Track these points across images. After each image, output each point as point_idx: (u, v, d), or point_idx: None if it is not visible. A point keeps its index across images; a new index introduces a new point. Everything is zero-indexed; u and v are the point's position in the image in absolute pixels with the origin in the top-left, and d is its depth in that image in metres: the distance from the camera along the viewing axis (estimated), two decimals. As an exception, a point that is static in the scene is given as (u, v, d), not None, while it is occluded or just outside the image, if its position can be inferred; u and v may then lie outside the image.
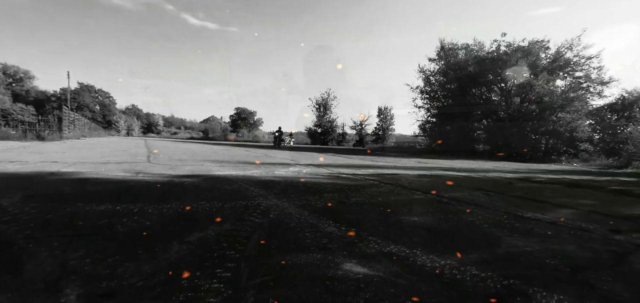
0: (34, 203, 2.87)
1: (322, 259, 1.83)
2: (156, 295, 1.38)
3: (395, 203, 3.49)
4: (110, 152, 9.81)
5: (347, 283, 1.55)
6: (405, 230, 2.49)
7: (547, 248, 2.23)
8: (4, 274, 1.52)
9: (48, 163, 6.06)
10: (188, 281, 1.51)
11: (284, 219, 2.64)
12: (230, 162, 7.76)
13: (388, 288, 1.52)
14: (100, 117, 55.26)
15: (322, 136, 38.30)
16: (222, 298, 1.37)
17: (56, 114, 21.68)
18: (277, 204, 3.18)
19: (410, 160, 11.22)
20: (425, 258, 1.93)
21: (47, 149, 10.54)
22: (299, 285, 1.51)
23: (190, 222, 2.47)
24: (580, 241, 2.43)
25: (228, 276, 1.58)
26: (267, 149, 18.07)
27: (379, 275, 1.66)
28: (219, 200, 3.29)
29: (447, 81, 22.28)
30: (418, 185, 4.90)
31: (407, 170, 7.40)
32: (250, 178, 4.89)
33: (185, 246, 1.96)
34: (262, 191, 3.86)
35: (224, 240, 2.09)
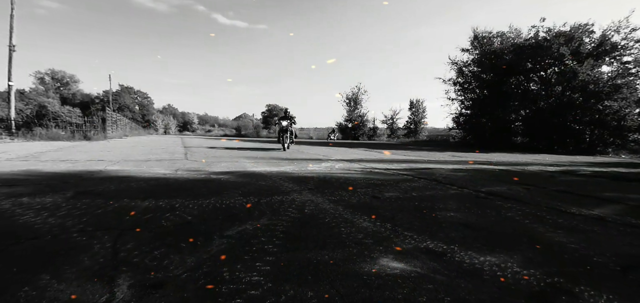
0: (85, 199, 3.07)
1: (358, 254, 1.84)
2: (200, 287, 1.45)
3: (431, 198, 3.43)
4: (149, 150, 10.27)
5: (384, 279, 1.55)
6: (442, 225, 2.45)
7: (594, 245, 2.13)
8: (63, 264, 1.64)
9: (95, 161, 6.45)
10: (230, 273, 1.57)
11: (318, 214, 2.67)
12: (264, 158, 7.91)
13: (426, 284, 1.51)
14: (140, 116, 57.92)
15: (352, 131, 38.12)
16: (262, 291, 1.41)
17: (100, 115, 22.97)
18: (311, 199, 3.22)
19: (444, 154, 10.95)
20: (464, 254, 1.90)
21: (93, 148, 11.19)
22: (337, 279, 1.53)
23: (229, 217, 2.55)
24: (630, 238, 2.29)
25: (267, 269, 1.62)
26: (300, 145, 18.18)
27: (416, 271, 1.65)
28: (255, 195, 3.38)
29: (482, 71, 21.44)
30: (453, 179, 4.79)
31: (441, 164, 7.23)
32: (283, 174, 4.97)
33: (225, 240, 2.04)
34: (296, 186, 3.92)
35: (261, 234, 2.15)
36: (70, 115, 26.97)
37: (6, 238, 2.00)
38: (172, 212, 2.65)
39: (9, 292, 1.38)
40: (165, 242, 1.97)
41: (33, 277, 1.52)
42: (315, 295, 1.38)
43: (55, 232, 2.15)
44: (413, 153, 11.42)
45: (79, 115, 29.80)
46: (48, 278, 1.51)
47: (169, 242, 1.97)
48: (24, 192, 3.34)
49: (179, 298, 1.34)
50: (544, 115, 18.15)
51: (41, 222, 2.35)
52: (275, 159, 7.53)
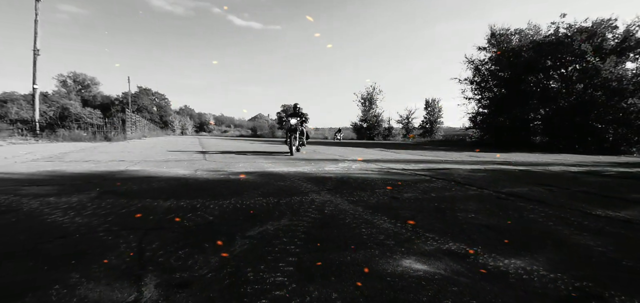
0: (109, 198, 3.15)
1: (381, 255, 1.83)
2: (225, 287, 1.46)
3: (450, 199, 3.38)
4: (168, 150, 10.46)
5: (408, 280, 1.54)
6: (463, 227, 2.42)
7: (623, 248, 2.06)
8: (92, 263, 1.69)
9: (116, 162, 6.61)
10: (254, 274, 1.59)
11: (338, 215, 2.67)
12: (281, 158, 7.95)
13: (450, 287, 1.49)
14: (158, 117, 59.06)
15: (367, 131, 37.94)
16: (286, 292, 1.42)
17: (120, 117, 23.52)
18: (330, 200, 3.22)
19: (461, 154, 10.79)
20: (487, 256, 1.87)
21: (114, 148, 11.47)
22: (360, 280, 1.53)
23: (250, 217, 2.58)
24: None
25: (290, 270, 1.63)
26: (316, 145, 18.21)
27: (440, 273, 1.63)
28: (274, 195, 3.40)
29: (500, 69, 21.03)
30: (472, 180, 4.71)
31: (459, 164, 7.13)
32: (301, 174, 4.99)
33: (247, 240, 2.06)
34: (314, 187, 3.93)
35: (283, 234, 2.16)
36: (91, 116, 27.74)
37: (36, 237, 2.07)
38: (194, 212, 2.70)
39: (41, 290, 1.43)
40: (188, 242, 2.01)
41: (63, 275, 1.56)
42: (340, 296, 1.38)
43: (82, 231, 2.21)
44: (430, 153, 11.31)
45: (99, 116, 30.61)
46: (77, 276, 1.55)
47: (193, 242, 2.00)
48: (50, 191, 3.44)
49: (205, 298, 1.36)
50: (565, 114, 17.69)
51: (68, 221, 2.42)
52: (292, 159, 7.56)
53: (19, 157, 7.53)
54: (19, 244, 1.95)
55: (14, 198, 3.09)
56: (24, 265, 1.66)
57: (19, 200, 3.02)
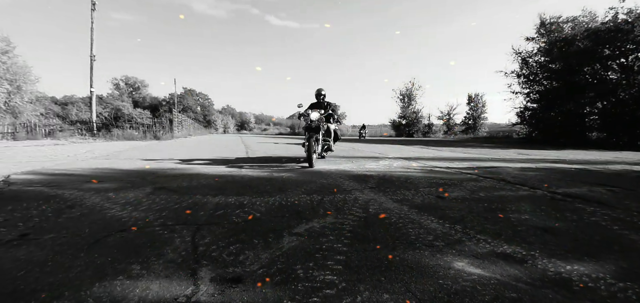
0: (162, 194, 3.32)
1: (431, 256, 1.78)
2: (277, 283, 1.49)
3: (500, 199, 3.23)
4: (213, 148, 10.87)
5: (462, 284, 1.48)
6: (518, 229, 2.29)
7: None
8: (150, 256, 1.79)
9: (166, 160, 6.96)
10: (303, 271, 1.60)
11: (382, 214, 2.63)
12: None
13: (509, 293, 1.42)
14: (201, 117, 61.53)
15: (406, 128, 37.15)
16: (337, 291, 1.42)
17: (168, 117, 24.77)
18: (374, 198, 3.19)
19: (508, 152, 10.26)
20: (547, 261, 1.76)
21: (163, 147, 12.10)
22: (411, 282, 1.50)
23: (295, 214, 2.61)
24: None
25: (339, 268, 1.63)
26: (352, 142, 18.11)
27: (495, 278, 1.55)
28: (318, 193, 3.42)
29: (550, 60, 19.73)
30: (523, 179, 4.47)
31: (508, 162, 6.79)
32: (342, 172, 4.98)
33: (294, 237, 2.08)
34: (357, 185, 3.91)
35: (329, 232, 2.17)
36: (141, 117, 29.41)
37: (100, 230, 2.23)
38: (242, 208, 2.77)
39: (107, 280, 1.53)
40: (239, 238, 2.07)
41: (126, 266, 1.67)
42: (391, 297, 1.36)
43: (139, 224, 2.35)
44: (474, 150, 10.87)
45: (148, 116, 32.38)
46: (138, 268, 1.65)
47: (243, 238, 2.06)
48: (109, 188, 3.69)
49: (258, 294, 1.40)
50: (626, 108, 16.28)
51: (126, 215, 2.58)
52: (332, 157, 7.57)
53: (80, 155, 8.15)
54: (84, 237, 2.11)
55: (78, 194, 3.35)
56: (91, 256, 1.79)
57: (82, 196, 3.27)
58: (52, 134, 19.18)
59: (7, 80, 17.11)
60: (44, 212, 2.69)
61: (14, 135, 16.89)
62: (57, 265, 1.68)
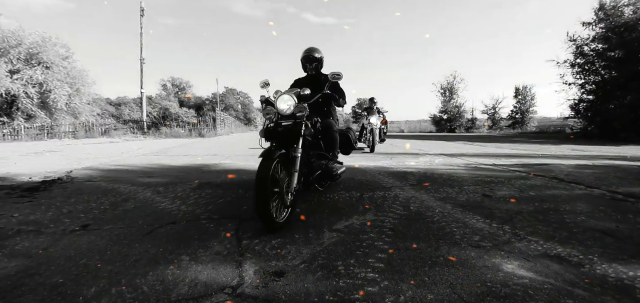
0: (207, 189, 3.46)
1: (477, 258, 1.71)
2: (318, 279, 1.50)
3: (553, 198, 3.03)
4: (253, 145, 11.14)
5: (512, 288, 1.41)
6: (573, 231, 2.14)
7: None
8: (198, 247, 1.87)
9: (211, 156, 7.25)
10: (344, 267, 1.60)
11: (425, 212, 2.57)
12: (358, 152, 7.93)
13: (564, 299, 1.33)
14: (242, 115, 63.33)
15: (448, 123, 35.92)
16: (379, 289, 1.40)
17: (211, 115, 25.74)
18: (415, 196, 3.12)
19: (560, 148, 9.60)
20: (607, 266, 1.62)
21: (207, 144, 12.60)
22: (457, 284, 1.45)
23: (335, 210, 2.62)
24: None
25: (381, 266, 1.61)
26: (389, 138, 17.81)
27: (549, 282, 1.46)
28: (357, 189, 3.41)
29: (609, 48, 18.16)
30: (578, 177, 4.16)
31: (560, 159, 6.35)
32: (382, 169, 4.92)
33: (335, 233, 2.09)
34: (397, 182, 3.84)
35: (369, 229, 2.15)
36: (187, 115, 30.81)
37: (152, 222, 2.36)
38: (282, 204, 2.82)
39: (159, 268, 1.62)
40: (280, 232, 2.10)
41: (176, 256, 1.75)
42: (436, 298, 1.33)
43: (188, 218, 2.46)
44: (522, 146, 10.28)
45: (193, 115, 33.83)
46: (187, 259, 1.73)
47: (283, 233, 2.09)
48: (159, 182, 3.90)
49: (301, 288, 1.41)
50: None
51: (175, 209, 2.72)
52: (369, 153, 7.50)
53: (133, 152, 8.70)
54: (138, 228, 2.25)
55: (132, 188, 3.57)
56: (144, 246, 1.91)
57: (135, 190, 3.49)
58: (107, 132, 20.61)
59: (68, 83, 18.57)
60: (102, 204, 2.91)
61: (74, 134, 18.36)
62: (114, 253, 1.81)
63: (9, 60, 15.87)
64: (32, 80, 16.46)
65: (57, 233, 2.13)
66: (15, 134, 15.96)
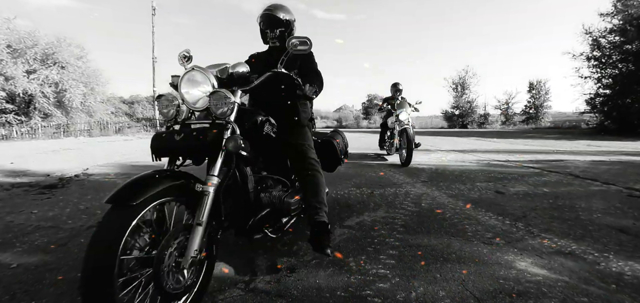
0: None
1: (490, 254, 1.70)
2: (329, 274, 1.52)
3: (568, 195, 2.98)
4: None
5: (525, 285, 1.40)
6: (588, 228, 2.11)
7: None
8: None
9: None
10: (355, 264, 1.61)
11: (436, 208, 2.55)
12: (370, 148, 7.91)
13: (579, 297, 1.31)
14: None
15: (460, 118, 35.48)
16: (390, 285, 1.41)
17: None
18: (426, 192, 3.10)
19: (576, 143, 9.40)
20: (623, 264, 1.60)
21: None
22: (469, 281, 1.44)
23: (346, 207, 2.62)
24: None
25: (392, 263, 1.62)
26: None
27: (563, 280, 1.45)
28: (368, 186, 3.40)
29: (627, 40, 17.69)
30: (594, 173, 4.08)
31: (576, 155, 6.22)
32: (392, 165, 4.90)
33: (345, 230, 2.10)
34: (408, 178, 3.82)
35: (380, 226, 2.15)
36: (198, 113, 31.04)
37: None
38: (293, 201, 2.84)
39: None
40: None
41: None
42: (447, 295, 1.32)
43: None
44: (536, 142, 10.11)
45: (204, 113, 34.09)
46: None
47: (294, 229, 2.11)
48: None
49: (312, 284, 1.43)
50: None
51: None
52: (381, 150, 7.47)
53: (146, 149, 8.83)
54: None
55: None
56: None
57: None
58: (121, 130, 20.96)
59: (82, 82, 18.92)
60: (118, 201, 2.97)
61: (89, 132, 18.72)
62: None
63: (25, 60, 16.22)
64: (48, 79, 16.80)
65: (75, 229, 2.19)
66: (33, 132, 16.34)
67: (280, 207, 1.70)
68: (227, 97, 1.33)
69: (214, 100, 1.33)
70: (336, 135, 2.41)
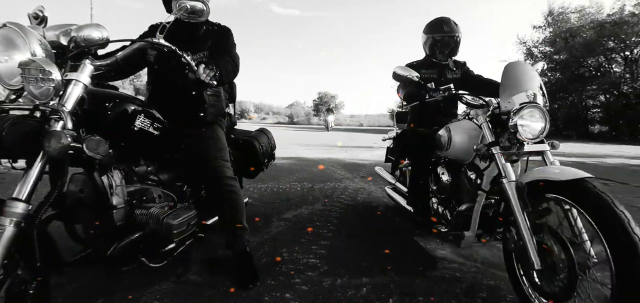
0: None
1: (416, 244, 1.85)
2: (264, 265, 1.55)
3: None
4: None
5: (442, 271, 1.55)
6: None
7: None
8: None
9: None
10: (288, 254, 1.67)
11: (372, 202, 2.70)
12: (316, 145, 8.04)
13: (486, 280, 1.48)
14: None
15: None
16: (319, 273, 1.48)
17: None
18: (363, 187, 3.25)
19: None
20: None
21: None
22: (392, 267, 1.55)
23: (285, 201, 2.68)
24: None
25: (323, 253, 1.69)
26: (348, 132, 18.15)
27: (476, 265, 1.62)
28: (309, 181, 3.48)
29: (555, 51, 19.59)
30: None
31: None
32: (336, 161, 5.04)
33: (283, 222, 2.15)
34: (348, 174, 3.96)
35: (317, 219, 2.23)
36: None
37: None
38: (234, 194, 2.84)
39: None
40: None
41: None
42: (371, 281, 1.42)
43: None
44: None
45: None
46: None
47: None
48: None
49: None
50: (629, 101, 16.21)
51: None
52: (326, 146, 7.63)
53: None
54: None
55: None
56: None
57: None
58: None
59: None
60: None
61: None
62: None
63: None
64: None
65: None
66: None
67: (157, 230, 1.25)
68: (45, 70, 0.89)
69: (26, 74, 0.89)
70: (261, 135, 2.04)
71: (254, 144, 1.92)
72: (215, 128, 1.53)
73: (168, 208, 1.33)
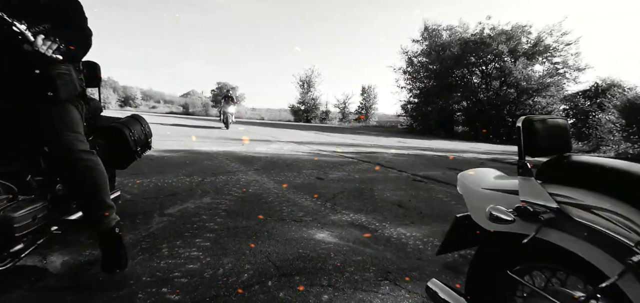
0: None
1: (297, 230, 1.96)
2: (138, 262, 1.48)
3: (371, 180, 3.64)
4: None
5: (319, 252, 1.69)
6: (378, 204, 2.65)
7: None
8: None
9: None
10: (169, 249, 1.61)
11: (262, 194, 2.75)
12: (211, 137, 7.75)
13: (355, 256, 1.66)
14: (76, 88, 53.41)
15: (305, 113, 38.13)
16: (201, 265, 1.48)
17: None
18: (256, 180, 3.28)
19: (390, 140, 11.45)
20: (393, 230, 2.09)
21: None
22: (273, 253, 1.63)
23: (171, 195, 2.55)
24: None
25: (207, 245, 1.68)
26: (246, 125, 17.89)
27: (348, 245, 1.80)
28: (200, 174, 3.36)
29: (430, 62, 22.53)
30: (395, 163, 5.07)
31: (387, 148, 7.58)
32: (230, 154, 4.95)
33: (165, 218, 2.05)
34: (242, 166, 3.95)
35: (203, 212, 2.19)
36: None
37: None
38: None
39: None
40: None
41: None
42: (252, 267, 1.47)
43: None
44: (362, 137, 11.80)
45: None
46: None
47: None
48: None
49: (116, 274, 1.36)
50: (483, 107, 19.56)
51: None
52: (222, 139, 7.41)
53: None
54: None
55: None
56: None
57: None
58: None
59: None
60: None
61: None
62: None
63: None
64: None
65: None
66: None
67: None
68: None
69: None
70: (132, 122, 1.91)
71: (122, 130, 1.77)
72: (67, 106, 1.31)
73: (7, 201, 1.14)
